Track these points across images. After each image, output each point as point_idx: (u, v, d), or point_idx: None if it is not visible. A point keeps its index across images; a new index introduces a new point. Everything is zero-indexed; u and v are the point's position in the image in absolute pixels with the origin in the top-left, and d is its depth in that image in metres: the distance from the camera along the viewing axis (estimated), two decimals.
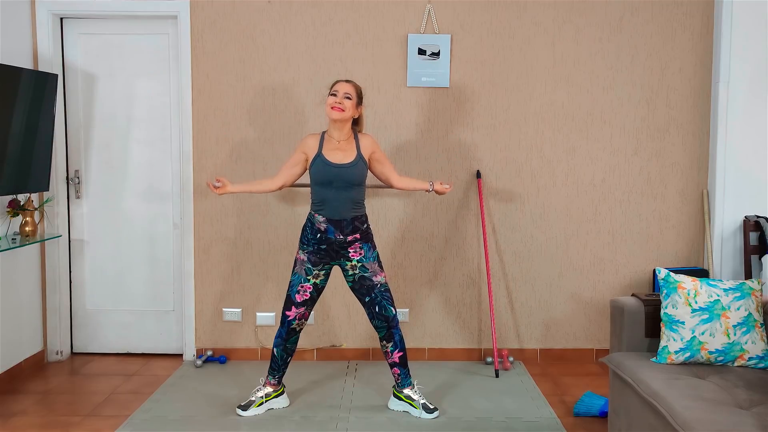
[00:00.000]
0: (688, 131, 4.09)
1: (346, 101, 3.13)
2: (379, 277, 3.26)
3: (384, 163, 3.33)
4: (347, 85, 3.17)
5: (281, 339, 3.31)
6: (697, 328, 2.61)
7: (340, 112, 3.12)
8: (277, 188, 3.30)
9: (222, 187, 3.25)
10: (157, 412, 3.35)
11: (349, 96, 3.14)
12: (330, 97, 3.15)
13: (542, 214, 4.12)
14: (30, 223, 3.76)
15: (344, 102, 3.12)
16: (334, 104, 3.12)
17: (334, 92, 3.15)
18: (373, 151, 3.28)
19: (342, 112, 3.12)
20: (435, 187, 3.36)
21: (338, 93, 3.14)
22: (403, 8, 4.00)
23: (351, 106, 3.15)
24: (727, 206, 4.01)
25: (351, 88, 3.16)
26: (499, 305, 4.14)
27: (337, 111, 3.12)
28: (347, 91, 3.14)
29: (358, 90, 3.20)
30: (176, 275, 4.19)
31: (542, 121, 4.07)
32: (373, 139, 3.32)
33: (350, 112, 3.15)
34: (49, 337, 4.12)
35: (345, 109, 3.12)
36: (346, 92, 3.14)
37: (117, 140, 4.15)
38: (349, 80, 3.23)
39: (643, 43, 4.03)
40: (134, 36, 4.10)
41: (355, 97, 3.16)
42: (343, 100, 3.12)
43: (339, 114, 3.13)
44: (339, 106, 3.12)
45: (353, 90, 3.17)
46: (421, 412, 3.28)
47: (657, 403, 2.34)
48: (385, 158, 3.34)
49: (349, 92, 3.15)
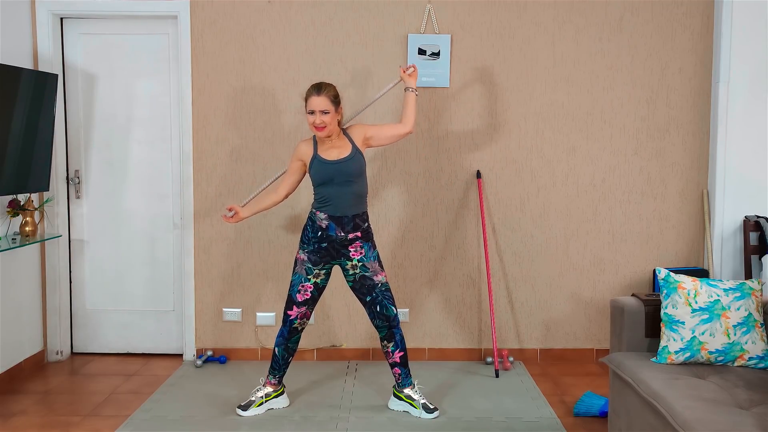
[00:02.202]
0: (688, 131, 4.09)
1: (325, 117, 3.11)
2: (380, 276, 3.26)
3: (382, 130, 3.30)
4: (320, 100, 3.10)
5: (283, 338, 3.31)
6: (697, 328, 2.61)
7: (323, 130, 3.13)
8: (283, 199, 3.38)
9: (235, 215, 3.36)
10: (157, 412, 3.35)
11: (326, 110, 3.11)
12: (309, 117, 3.12)
13: (542, 214, 4.12)
14: (30, 223, 3.76)
15: (323, 119, 3.11)
16: (316, 125, 3.12)
17: (311, 111, 3.11)
18: (365, 136, 3.26)
19: (324, 128, 3.12)
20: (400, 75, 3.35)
21: (315, 112, 3.11)
22: (403, 8, 4.00)
23: (331, 118, 3.13)
24: (727, 206, 4.01)
25: (325, 102, 3.10)
26: (499, 305, 4.14)
27: (320, 130, 3.13)
28: (323, 108, 3.10)
29: (331, 96, 3.13)
30: (176, 275, 4.19)
31: (542, 121, 4.07)
32: (360, 125, 3.31)
33: (333, 123, 3.14)
34: (49, 337, 4.12)
35: (326, 124, 3.12)
36: (322, 110, 3.10)
37: (117, 140, 4.15)
38: (320, 90, 3.12)
39: (643, 43, 4.03)
40: (134, 36, 4.10)
41: (331, 106, 3.12)
42: (322, 117, 3.11)
43: (323, 132, 3.14)
44: (320, 125, 3.12)
45: (327, 101, 3.11)
46: (421, 412, 3.28)
47: (657, 403, 2.34)
48: (379, 127, 3.31)
49: (325, 107, 3.10)
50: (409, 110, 3.30)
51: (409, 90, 3.31)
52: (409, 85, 3.32)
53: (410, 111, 3.30)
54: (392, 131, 3.30)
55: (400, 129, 3.30)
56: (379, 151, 4.05)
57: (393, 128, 3.31)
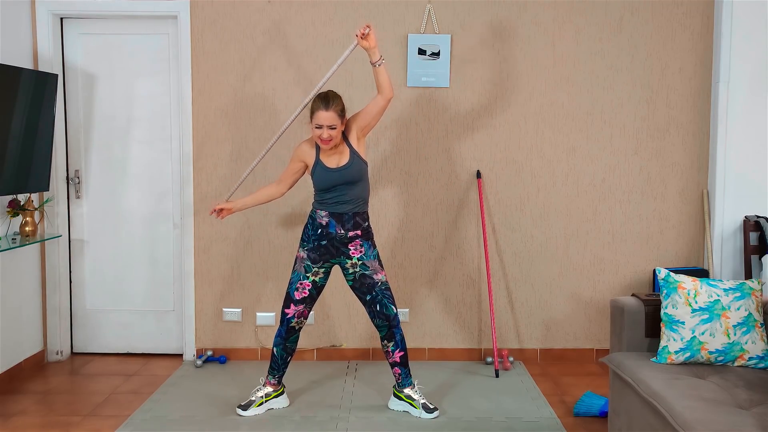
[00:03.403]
0: (688, 131, 4.09)
1: (332, 131, 3.09)
2: (380, 275, 3.27)
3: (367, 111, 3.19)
4: (329, 116, 3.06)
5: (281, 338, 3.32)
6: (697, 328, 2.61)
7: (329, 143, 3.12)
8: (283, 194, 3.37)
9: (225, 211, 3.34)
10: (157, 412, 3.35)
11: (334, 126, 3.09)
12: (316, 130, 3.10)
13: (542, 214, 4.12)
14: (30, 223, 3.76)
15: (330, 133, 3.09)
16: (323, 140, 3.10)
17: (318, 125, 3.08)
18: (359, 127, 3.21)
19: (330, 141, 3.11)
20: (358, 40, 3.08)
21: (323, 127, 3.08)
22: (403, 8, 4.00)
23: (338, 132, 3.12)
24: (727, 206, 4.01)
25: (333, 117, 3.07)
26: (499, 305, 4.14)
27: (327, 143, 3.12)
28: (330, 123, 3.07)
29: (339, 110, 3.10)
30: (176, 275, 4.19)
31: (542, 121, 4.07)
32: (351, 119, 3.23)
33: (338, 136, 3.14)
34: (49, 337, 4.12)
35: (333, 138, 3.10)
36: (329, 125, 3.08)
37: (117, 140, 4.15)
38: (328, 104, 3.06)
39: (643, 43, 4.03)
40: (134, 36, 4.10)
41: (338, 120, 3.09)
42: (330, 132, 3.09)
43: (329, 144, 3.13)
44: (327, 140, 3.10)
45: (335, 116, 3.08)
46: (421, 411, 3.28)
47: (657, 403, 2.34)
48: (364, 110, 3.21)
49: (333, 123, 3.08)
50: (381, 79, 3.11)
51: (376, 65, 3.10)
52: (372, 58, 3.09)
53: (383, 79, 3.11)
54: (375, 107, 3.18)
55: (379, 101, 3.17)
56: (379, 151, 4.05)
57: (374, 103, 3.18)
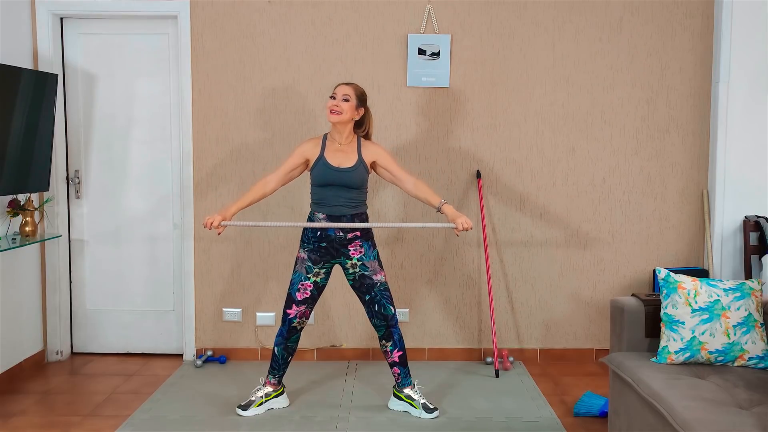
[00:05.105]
0: (688, 131, 4.09)
1: (344, 104, 3.12)
2: (379, 275, 3.27)
3: (393, 170, 3.22)
4: (346, 87, 3.17)
5: (282, 338, 3.32)
6: (697, 328, 2.61)
7: (337, 116, 3.13)
8: (274, 191, 3.29)
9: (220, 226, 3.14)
10: (157, 412, 3.35)
11: (348, 98, 3.13)
12: (330, 100, 3.15)
13: (542, 214, 4.12)
14: (30, 223, 3.76)
15: (342, 105, 3.12)
16: (332, 107, 3.13)
17: (333, 95, 3.16)
18: (377, 159, 3.22)
19: (339, 114, 3.12)
20: (444, 209, 3.14)
21: (336, 95, 3.14)
22: (403, 8, 4.00)
23: (349, 107, 3.14)
24: (727, 206, 4.01)
25: (350, 90, 3.16)
26: (499, 305, 4.14)
27: (335, 114, 3.13)
28: (346, 93, 3.14)
29: (358, 92, 3.19)
30: (176, 275, 4.19)
31: (542, 121, 4.07)
32: (379, 147, 3.25)
33: (348, 114, 3.15)
34: (49, 337, 4.12)
35: (342, 111, 3.12)
36: (344, 94, 3.14)
37: (117, 140, 4.15)
38: (350, 83, 3.23)
39: (643, 43, 4.03)
40: (134, 36, 4.10)
41: (354, 98, 3.15)
42: (341, 102, 3.12)
43: (336, 117, 3.13)
44: (336, 108, 3.12)
45: (352, 92, 3.16)
46: (421, 411, 3.28)
47: (657, 403, 2.34)
48: (393, 165, 3.22)
49: (348, 94, 3.14)
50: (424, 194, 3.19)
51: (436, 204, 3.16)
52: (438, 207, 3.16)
53: (424, 194, 3.19)
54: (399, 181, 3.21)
55: (407, 185, 3.20)
56: None
57: (403, 179, 3.20)
